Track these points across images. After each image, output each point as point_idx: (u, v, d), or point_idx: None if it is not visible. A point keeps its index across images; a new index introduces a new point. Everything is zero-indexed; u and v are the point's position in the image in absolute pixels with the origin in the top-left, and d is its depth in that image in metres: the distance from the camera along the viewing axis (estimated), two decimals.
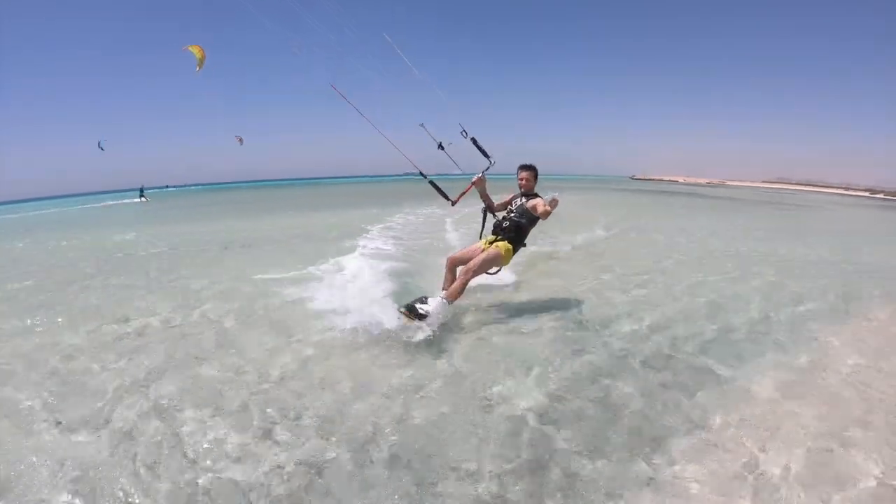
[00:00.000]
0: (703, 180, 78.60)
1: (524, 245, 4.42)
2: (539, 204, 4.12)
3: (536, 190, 4.44)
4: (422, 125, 4.33)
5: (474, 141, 4.30)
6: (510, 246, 4.25)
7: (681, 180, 78.85)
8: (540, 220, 4.24)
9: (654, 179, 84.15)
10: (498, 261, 4.22)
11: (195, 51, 11.97)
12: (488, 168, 4.32)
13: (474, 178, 4.22)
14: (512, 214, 4.33)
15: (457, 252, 4.47)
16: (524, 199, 4.32)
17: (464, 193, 4.35)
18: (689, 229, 11.11)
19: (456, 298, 3.97)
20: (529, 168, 4.37)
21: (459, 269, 4.23)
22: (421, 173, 4.33)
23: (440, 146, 4.30)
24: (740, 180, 78.69)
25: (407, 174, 4.53)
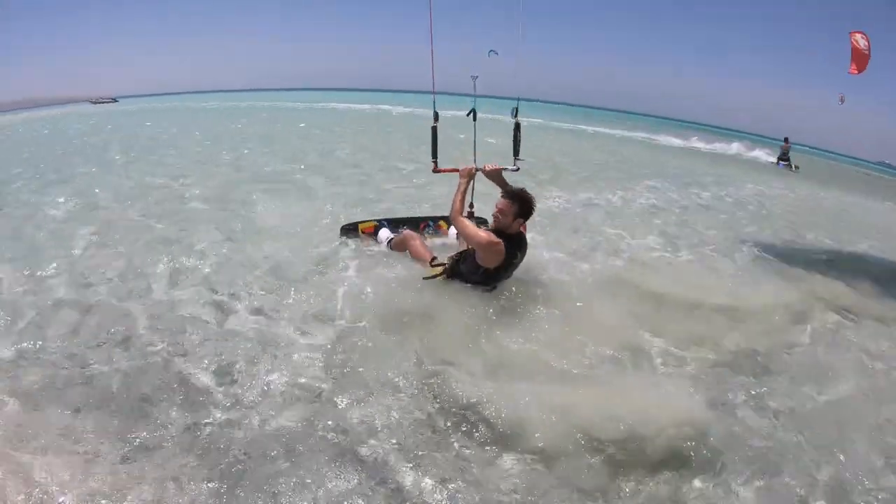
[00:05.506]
0: None
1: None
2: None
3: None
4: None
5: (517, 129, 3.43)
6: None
7: None
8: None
9: None
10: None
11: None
12: (505, 169, 3.22)
13: (473, 169, 3.17)
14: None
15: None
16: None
17: (454, 171, 3.29)
18: None
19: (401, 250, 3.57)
20: (516, 197, 2.85)
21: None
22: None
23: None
24: None
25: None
